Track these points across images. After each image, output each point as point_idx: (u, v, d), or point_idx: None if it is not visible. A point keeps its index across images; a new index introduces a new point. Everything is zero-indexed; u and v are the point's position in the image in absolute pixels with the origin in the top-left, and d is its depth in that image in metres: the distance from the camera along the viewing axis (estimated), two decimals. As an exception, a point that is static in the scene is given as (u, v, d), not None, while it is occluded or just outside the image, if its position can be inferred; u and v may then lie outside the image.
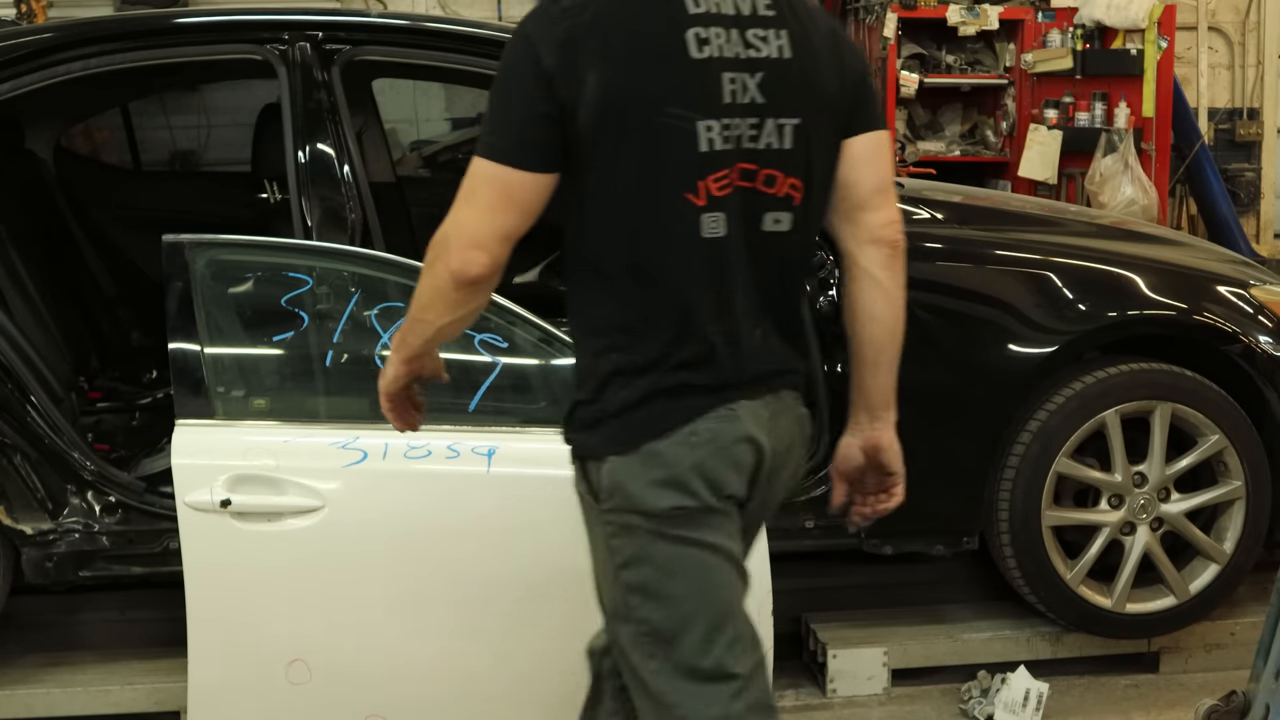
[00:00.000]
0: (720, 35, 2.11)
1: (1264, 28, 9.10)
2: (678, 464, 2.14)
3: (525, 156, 2.09)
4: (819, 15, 2.26)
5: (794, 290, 2.30)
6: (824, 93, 2.19)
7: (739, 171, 2.13)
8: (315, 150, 3.66)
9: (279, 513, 3.03)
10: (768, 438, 2.23)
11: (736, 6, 2.14)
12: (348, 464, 3.08)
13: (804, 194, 2.19)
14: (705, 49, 2.09)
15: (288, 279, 3.19)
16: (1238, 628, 3.99)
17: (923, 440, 3.71)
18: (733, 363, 2.18)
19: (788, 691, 3.83)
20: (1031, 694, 3.67)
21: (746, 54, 2.12)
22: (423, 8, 8.32)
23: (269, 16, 3.77)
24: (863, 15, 7.86)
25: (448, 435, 3.14)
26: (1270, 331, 3.87)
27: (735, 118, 2.11)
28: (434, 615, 3.10)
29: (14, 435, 3.47)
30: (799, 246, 2.24)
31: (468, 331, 3.19)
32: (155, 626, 3.85)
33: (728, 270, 2.15)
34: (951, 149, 8.01)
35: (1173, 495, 3.81)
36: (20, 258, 4.33)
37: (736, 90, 2.11)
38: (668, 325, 2.15)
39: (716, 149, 2.10)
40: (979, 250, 3.83)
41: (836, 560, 4.15)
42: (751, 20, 2.14)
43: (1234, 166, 8.93)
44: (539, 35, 2.08)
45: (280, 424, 3.16)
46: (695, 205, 2.11)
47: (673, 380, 2.15)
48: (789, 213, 2.19)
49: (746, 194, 2.15)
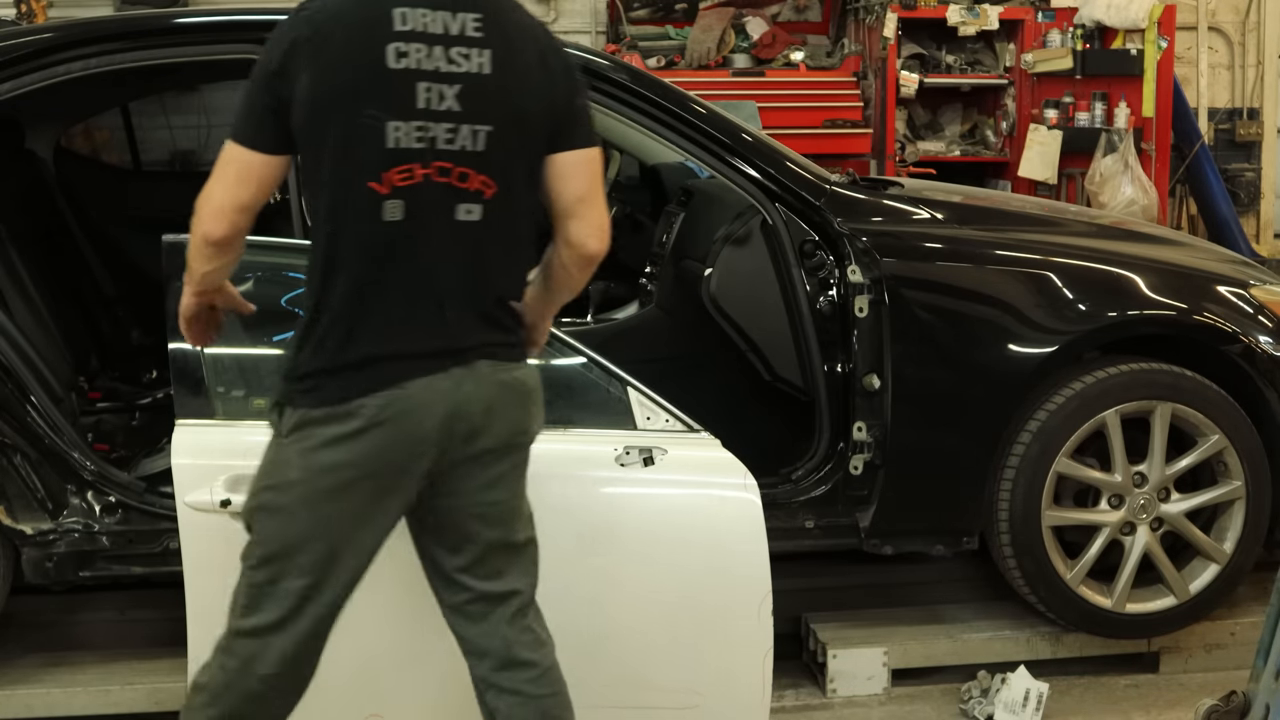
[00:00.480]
0: (421, 50, 2.44)
1: (1264, 28, 9.11)
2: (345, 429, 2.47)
3: (259, 140, 2.48)
4: (533, 41, 2.55)
5: (495, 272, 2.57)
6: (520, 108, 2.50)
7: (436, 169, 2.46)
8: (315, 150, 3.66)
9: None
10: (449, 405, 2.50)
11: (446, 27, 2.46)
12: None
13: (496, 191, 2.51)
14: (403, 61, 2.43)
15: (288, 279, 3.18)
16: (1238, 628, 3.99)
17: (923, 440, 3.75)
18: (414, 339, 2.50)
19: (788, 691, 3.83)
20: (1031, 694, 3.67)
21: (447, 68, 2.46)
22: (423, 8, 8.32)
23: (269, 16, 3.74)
24: (863, 15, 7.86)
25: None
26: (1270, 331, 3.87)
27: (430, 121, 2.45)
28: (435, 613, 3.10)
29: (14, 435, 3.47)
30: (496, 235, 2.54)
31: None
32: (155, 626, 3.85)
33: (407, 251, 2.48)
34: (951, 149, 8.02)
35: (1173, 495, 3.81)
36: (20, 258, 4.33)
37: (431, 98, 2.45)
38: (353, 299, 2.47)
39: (403, 146, 2.44)
40: (979, 250, 3.83)
41: (836, 560, 4.14)
42: (458, 40, 2.47)
43: (1234, 166, 8.94)
44: (274, 38, 2.49)
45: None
46: (379, 193, 2.44)
47: (355, 353, 2.48)
48: (480, 205, 2.50)
49: (442, 188, 2.47)
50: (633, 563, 3.11)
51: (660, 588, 3.12)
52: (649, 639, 3.12)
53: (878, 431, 3.70)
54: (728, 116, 3.88)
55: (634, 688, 3.13)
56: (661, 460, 3.14)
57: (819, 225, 3.77)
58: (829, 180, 3.88)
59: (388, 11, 2.43)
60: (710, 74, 7.57)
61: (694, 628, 3.12)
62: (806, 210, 3.77)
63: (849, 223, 3.74)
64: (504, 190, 2.52)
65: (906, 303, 3.69)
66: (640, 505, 3.17)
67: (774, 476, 3.75)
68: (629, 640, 3.13)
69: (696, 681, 3.13)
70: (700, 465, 3.18)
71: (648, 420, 3.20)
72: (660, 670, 3.13)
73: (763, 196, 3.78)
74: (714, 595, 3.11)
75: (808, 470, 3.77)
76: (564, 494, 3.10)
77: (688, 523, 3.15)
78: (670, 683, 3.13)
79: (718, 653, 3.13)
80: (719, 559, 3.12)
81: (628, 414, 3.21)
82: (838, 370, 3.75)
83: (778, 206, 3.78)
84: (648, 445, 3.16)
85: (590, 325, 4.66)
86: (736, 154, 3.77)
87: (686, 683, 3.13)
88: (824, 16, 8.37)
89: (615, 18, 8.17)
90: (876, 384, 3.69)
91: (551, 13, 8.49)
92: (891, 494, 3.74)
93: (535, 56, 2.54)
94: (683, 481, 3.17)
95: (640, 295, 4.67)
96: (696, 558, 3.12)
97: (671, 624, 3.12)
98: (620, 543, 3.13)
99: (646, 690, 3.13)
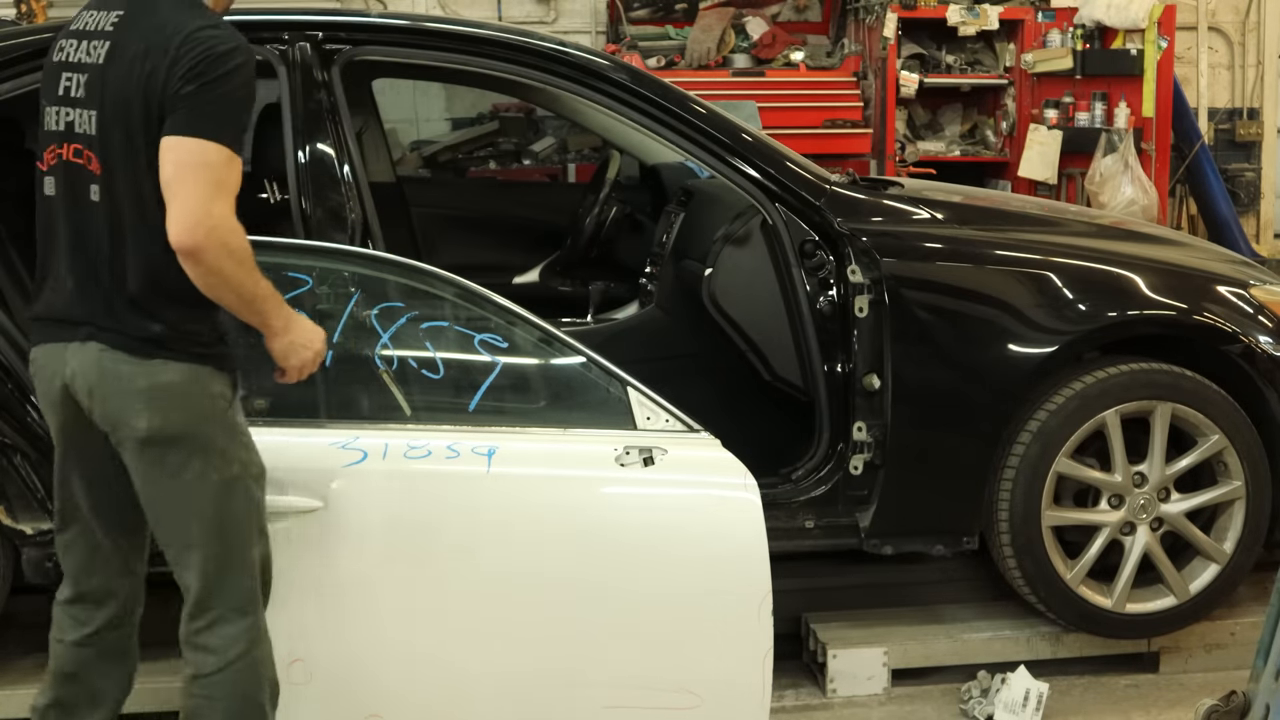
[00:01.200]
0: (73, 44, 2.75)
1: (1264, 28, 9.11)
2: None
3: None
4: (154, 34, 2.65)
5: (118, 254, 2.68)
6: (121, 95, 2.65)
7: (71, 150, 2.72)
8: (315, 150, 3.66)
9: (280, 513, 2.99)
10: (63, 376, 2.74)
11: (96, 24, 2.73)
12: (348, 464, 3.07)
13: (105, 173, 2.68)
14: (59, 54, 2.78)
15: (287, 279, 3.17)
16: (1238, 628, 3.99)
17: (923, 440, 3.75)
18: (54, 306, 2.76)
19: (788, 691, 3.83)
20: (1031, 694, 3.67)
21: (85, 60, 2.71)
22: (423, 8, 8.33)
23: (268, 16, 3.76)
24: (863, 15, 7.86)
25: (448, 435, 3.13)
26: (1270, 331, 3.87)
27: (68, 107, 2.73)
28: (434, 614, 3.10)
29: (14, 435, 3.48)
30: (109, 217, 2.68)
31: (467, 331, 3.22)
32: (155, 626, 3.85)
33: (56, 226, 2.77)
34: (951, 149, 8.02)
35: (1173, 495, 3.81)
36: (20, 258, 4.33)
37: (70, 86, 2.73)
38: (39, 262, 2.83)
39: (52, 129, 2.76)
40: (979, 250, 3.83)
41: (836, 560, 4.15)
42: (94, 34, 2.72)
43: (1234, 166, 8.94)
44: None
45: (281, 425, 3.12)
46: (40, 169, 2.81)
47: (32, 309, 2.84)
48: (98, 185, 2.69)
49: (76, 168, 2.72)
50: (633, 563, 3.11)
51: (660, 588, 3.11)
52: (650, 640, 3.12)
53: (878, 431, 3.70)
54: (728, 116, 3.88)
55: (637, 689, 3.12)
56: (661, 460, 3.13)
57: (819, 225, 3.77)
58: (829, 180, 3.88)
59: (78, 15, 2.80)
60: (710, 74, 7.57)
61: (694, 628, 3.12)
62: (806, 210, 3.77)
63: (849, 223, 3.74)
64: (109, 172, 2.67)
65: (907, 303, 3.69)
66: (640, 505, 3.17)
67: (774, 476, 3.75)
68: (632, 641, 3.12)
69: (696, 682, 3.13)
70: (700, 465, 3.18)
71: (648, 420, 3.20)
72: (661, 671, 3.14)
73: (763, 196, 3.78)
74: (714, 596, 3.11)
75: (808, 470, 3.77)
76: (565, 495, 3.11)
77: (688, 522, 3.15)
78: (671, 683, 3.13)
79: (718, 653, 3.13)
80: (719, 559, 3.11)
81: (628, 414, 3.20)
82: (838, 370, 3.75)
83: (778, 206, 3.78)
84: (648, 445, 3.15)
85: (590, 325, 4.67)
86: (736, 154, 3.78)
87: (687, 683, 3.13)
88: (824, 16, 8.37)
89: (615, 18, 8.17)
90: (876, 384, 3.69)
91: (552, 13, 8.49)
92: (891, 494, 3.74)
93: (143, 49, 2.64)
94: (683, 481, 3.16)
95: (640, 295, 4.67)
96: (696, 558, 3.11)
97: (672, 624, 3.12)
98: (620, 544, 3.12)
99: (649, 691, 3.12)
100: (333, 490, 3.05)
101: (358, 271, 3.30)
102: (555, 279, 5.16)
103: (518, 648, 3.12)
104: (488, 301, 3.26)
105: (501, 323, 3.24)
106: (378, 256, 3.42)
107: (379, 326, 3.21)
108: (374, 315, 3.22)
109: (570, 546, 3.08)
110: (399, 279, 3.25)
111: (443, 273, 3.30)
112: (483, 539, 3.10)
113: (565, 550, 3.08)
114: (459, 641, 3.12)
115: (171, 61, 2.61)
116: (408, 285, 3.27)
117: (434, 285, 3.28)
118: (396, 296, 3.23)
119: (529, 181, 7.24)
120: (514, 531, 3.09)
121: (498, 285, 5.20)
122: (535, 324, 3.25)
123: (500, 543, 3.10)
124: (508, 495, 3.11)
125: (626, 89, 3.76)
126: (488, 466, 3.10)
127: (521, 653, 3.12)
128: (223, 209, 2.59)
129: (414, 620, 3.08)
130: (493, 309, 3.23)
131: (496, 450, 3.11)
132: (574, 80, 3.81)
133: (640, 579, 3.11)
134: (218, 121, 2.61)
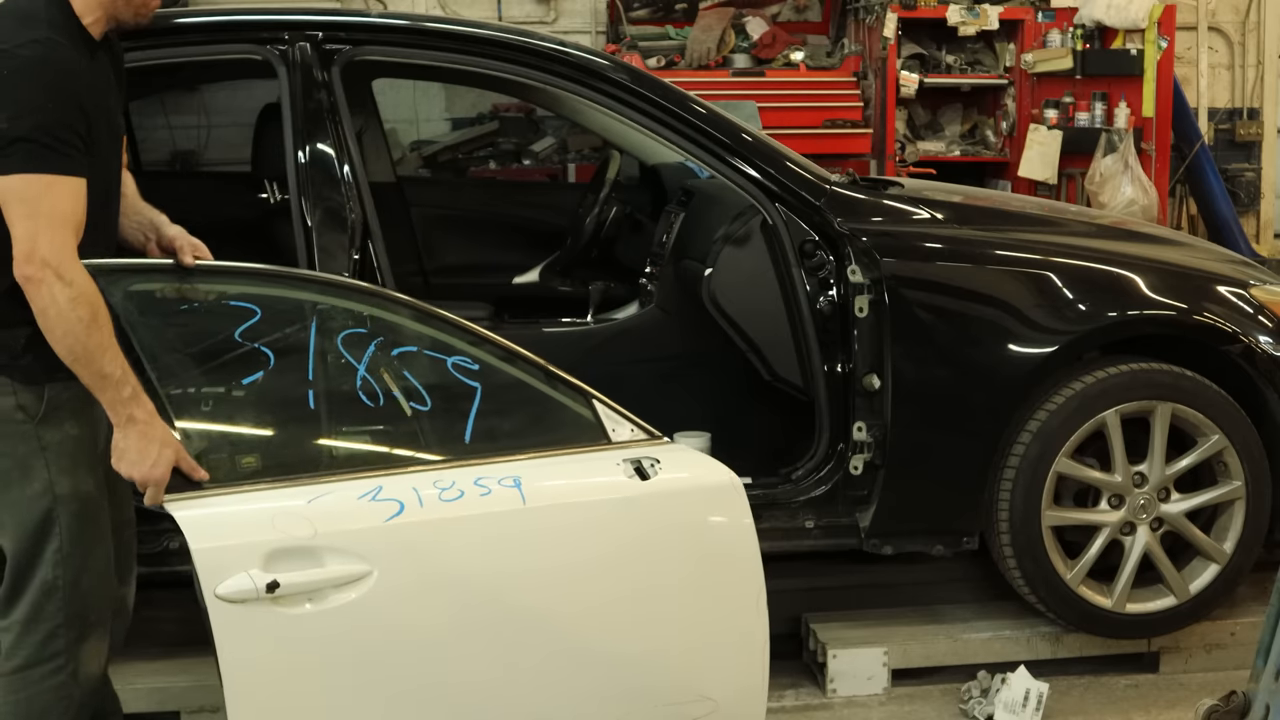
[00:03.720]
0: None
1: (1264, 28, 9.11)
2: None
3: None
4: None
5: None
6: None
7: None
8: (315, 150, 3.66)
9: (324, 587, 2.69)
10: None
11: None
12: (389, 518, 2.76)
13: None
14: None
15: (231, 309, 2.90)
16: (1238, 628, 3.99)
17: (923, 440, 3.75)
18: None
19: (788, 691, 3.84)
20: (1031, 694, 3.67)
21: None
22: (423, 8, 8.33)
23: (269, 16, 3.76)
24: (863, 15, 7.87)
25: (457, 470, 2.88)
26: (1270, 331, 3.87)
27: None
28: (515, 668, 2.89)
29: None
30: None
31: (438, 356, 2.99)
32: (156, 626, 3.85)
33: None
34: (951, 149, 8.02)
35: (1173, 495, 3.81)
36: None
37: None
38: None
39: None
40: (979, 250, 3.83)
41: (836, 560, 4.15)
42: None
43: (1234, 166, 8.94)
44: None
45: (288, 483, 2.80)
46: None
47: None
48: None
49: None
50: (650, 573, 2.97)
51: (669, 592, 3.00)
52: (657, 649, 3.01)
53: (878, 431, 3.71)
54: (728, 116, 3.88)
55: (654, 698, 3.02)
56: (654, 469, 2.96)
57: (819, 225, 3.77)
58: (829, 180, 3.88)
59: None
60: (710, 74, 7.57)
61: (701, 628, 3.03)
62: (806, 210, 3.78)
63: (849, 223, 3.74)
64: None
65: (907, 303, 3.69)
66: (656, 516, 2.99)
67: (774, 476, 3.75)
68: (650, 649, 3.00)
69: (704, 686, 3.05)
70: (687, 469, 3.03)
71: (615, 431, 3.03)
72: (673, 674, 3.04)
73: (763, 196, 3.79)
74: (715, 591, 3.02)
75: (808, 470, 3.77)
76: (596, 518, 2.93)
77: (690, 525, 3.04)
78: (685, 688, 3.04)
79: (720, 649, 3.05)
80: (718, 554, 3.02)
81: (599, 426, 3.01)
82: (838, 370, 3.75)
83: (778, 206, 3.78)
84: (634, 456, 2.98)
85: (590, 325, 4.66)
86: (736, 154, 3.78)
87: (698, 687, 3.05)
88: (824, 16, 8.37)
89: (615, 18, 8.17)
90: (876, 384, 3.69)
91: (552, 13, 8.49)
92: (891, 494, 3.74)
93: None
94: (683, 488, 3.01)
95: (640, 295, 4.67)
96: (698, 557, 3.02)
97: (681, 627, 3.02)
98: (640, 558, 2.97)
99: (658, 701, 3.02)
100: (378, 551, 2.73)
101: (304, 298, 2.98)
102: (555, 279, 5.16)
103: (565, 683, 2.93)
104: (444, 321, 3.01)
105: (465, 344, 3.00)
106: (316, 278, 3.19)
107: (350, 357, 2.91)
108: (340, 344, 2.92)
109: (603, 569, 2.94)
110: (351, 304, 2.99)
111: (393, 293, 3.12)
112: (540, 577, 2.88)
113: (599, 573, 2.93)
114: (532, 686, 2.91)
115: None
116: (360, 310, 2.99)
117: (388, 307, 3.02)
118: (356, 323, 2.95)
119: (529, 181, 7.24)
120: (558, 563, 2.90)
121: (498, 285, 5.25)
122: (497, 342, 3.03)
123: (551, 576, 2.90)
124: (549, 526, 2.90)
125: (626, 89, 3.76)
126: (522, 500, 2.86)
127: (568, 684, 2.94)
128: (49, 243, 2.54)
129: (502, 675, 2.86)
130: (451, 329, 2.99)
131: (521, 480, 2.88)
132: (574, 80, 3.81)
133: (656, 586, 2.99)
134: (18, 154, 2.55)
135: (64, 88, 2.63)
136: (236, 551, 2.66)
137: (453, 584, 2.81)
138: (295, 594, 2.67)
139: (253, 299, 2.90)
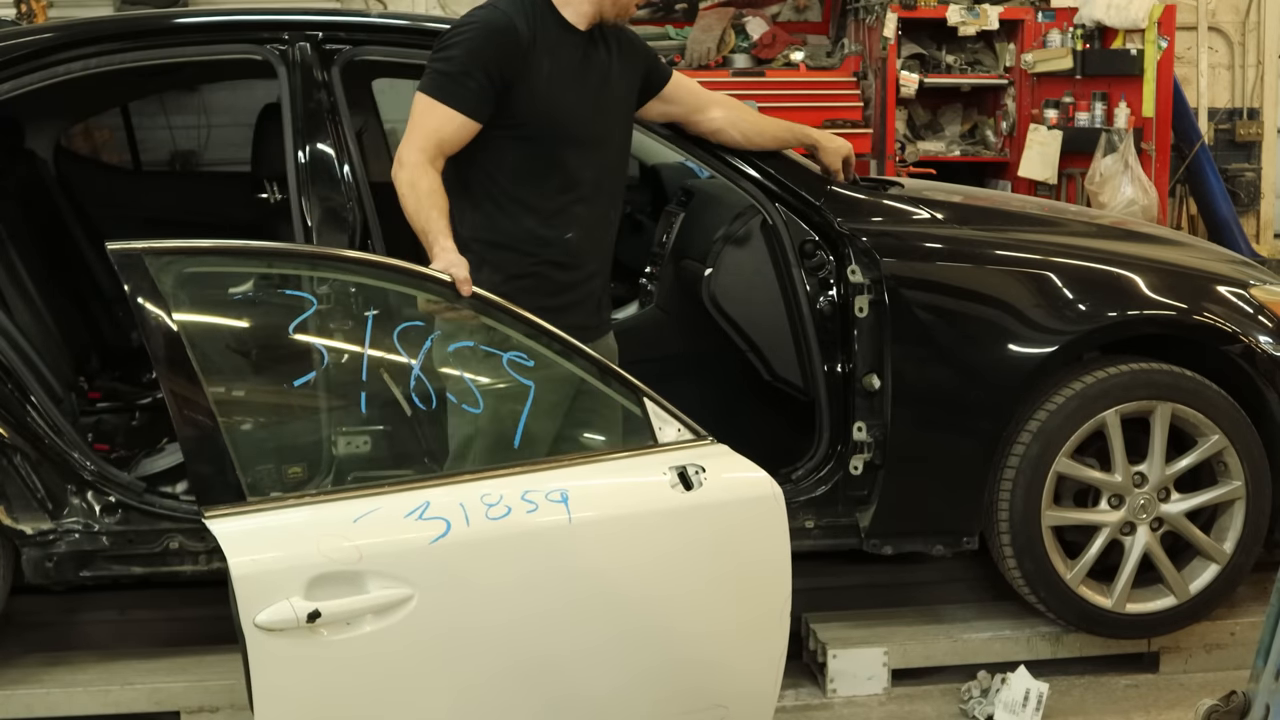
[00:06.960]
0: None
1: (1264, 28, 9.10)
2: None
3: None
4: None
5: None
6: None
7: None
8: (315, 150, 3.66)
9: (365, 612, 2.61)
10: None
11: None
12: (435, 538, 2.66)
13: None
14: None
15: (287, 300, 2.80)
16: (1238, 628, 3.99)
17: (923, 440, 3.75)
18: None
19: (788, 691, 3.83)
20: (1031, 694, 3.67)
21: None
22: (423, 8, 8.32)
23: (269, 16, 3.77)
24: (863, 15, 7.86)
25: (502, 481, 2.79)
26: (1270, 331, 3.87)
27: None
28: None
29: (14, 435, 3.47)
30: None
31: (494, 351, 2.96)
32: (155, 626, 3.85)
33: None
34: (951, 149, 8.01)
35: (1173, 495, 3.81)
36: (20, 258, 4.33)
37: None
38: None
39: None
40: (979, 250, 3.83)
41: (836, 560, 4.15)
42: None
43: (1234, 166, 8.93)
44: None
45: (333, 496, 2.71)
46: None
47: None
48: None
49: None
50: (689, 585, 2.93)
51: (689, 606, 2.94)
52: (682, 658, 2.98)
53: (878, 431, 3.71)
54: (728, 116, 3.87)
55: (666, 709, 3.00)
56: (699, 478, 2.89)
57: (819, 225, 3.77)
58: (829, 180, 3.88)
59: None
60: (710, 74, 7.56)
61: (719, 642, 3.00)
62: (806, 210, 3.77)
63: (849, 223, 3.74)
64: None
65: (907, 303, 3.69)
66: (698, 528, 2.92)
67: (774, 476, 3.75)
68: (665, 662, 2.96)
69: (720, 693, 3.04)
70: (732, 477, 2.98)
71: (661, 430, 2.98)
72: (688, 684, 3.01)
73: (763, 196, 3.78)
74: (745, 602, 2.99)
75: (808, 470, 3.77)
76: (641, 531, 2.87)
77: (730, 536, 2.97)
78: (696, 695, 3.02)
79: (744, 658, 3.03)
80: (754, 564, 2.99)
81: (648, 427, 2.96)
82: (838, 370, 3.75)
83: (778, 206, 3.78)
84: (680, 463, 2.91)
85: (590, 325, 4.65)
86: (736, 154, 3.77)
87: (711, 695, 3.03)
88: (824, 16, 8.36)
89: (615, 18, 8.15)
90: (876, 384, 3.69)
91: (551, 13, 8.48)
92: (891, 494, 3.74)
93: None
94: (727, 498, 2.94)
95: (640, 295, 4.67)
96: (735, 568, 2.96)
97: (700, 640, 2.98)
98: (681, 569, 2.91)
99: (676, 710, 3.01)
100: (423, 573, 2.64)
101: (362, 283, 2.91)
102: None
103: (596, 702, 2.89)
104: (502, 310, 2.92)
105: (522, 337, 2.93)
106: (374, 261, 3.09)
107: (405, 354, 2.83)
108: (396, 339, 2.83)
109: (641, 582, 2.88)
110: (405, 288, 2.91)
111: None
112: (579, 601, 2.81)
113: (637, 587, 2.87)
114: (565, 703, 2.86)
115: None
116: (410, 296, 2.92)
117: (446, 294, 2.91)
118: (411, 314, 2.87)
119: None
120: (598, 586, 2.83)
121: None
122: (555, 335, 2.96)
123: (590, 601, 2.82)
124: (592, 544, 2.82)
125: (626, 89, 3.76)
126: (568, 515, 2.77)
127: (601, 706, 2.89)
128: None
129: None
130: (509, 319, 2.91)
131: (569, 495, 2.78)
132: (574, 80, 3.81)
133: (695, 598, 2.95)
134: None
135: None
136: (278, 578, 2.55)
137: (490, 607, 2.73)
138: (335, 621, 2.58)
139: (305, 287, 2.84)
